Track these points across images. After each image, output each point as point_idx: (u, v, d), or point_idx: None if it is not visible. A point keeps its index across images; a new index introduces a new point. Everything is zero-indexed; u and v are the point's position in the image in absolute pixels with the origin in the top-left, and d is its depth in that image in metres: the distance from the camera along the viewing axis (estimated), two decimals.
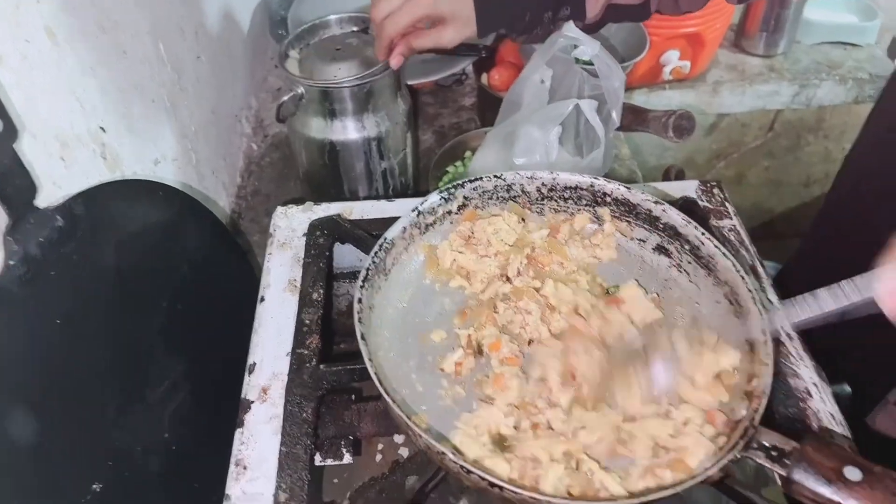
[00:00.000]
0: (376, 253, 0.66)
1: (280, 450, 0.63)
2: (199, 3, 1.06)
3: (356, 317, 0.59)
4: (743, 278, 0.63)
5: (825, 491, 0.47)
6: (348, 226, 0.81)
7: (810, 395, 0.69)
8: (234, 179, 1.20)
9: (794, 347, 0.73)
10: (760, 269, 0.80)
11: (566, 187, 0.74)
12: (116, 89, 0.78)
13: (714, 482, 0.54)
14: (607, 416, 0.59)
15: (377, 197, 1.02)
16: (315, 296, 0.75)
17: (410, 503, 0.58)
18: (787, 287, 0.70)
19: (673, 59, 1.40)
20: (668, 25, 1.34)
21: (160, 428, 0.73)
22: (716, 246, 0.66)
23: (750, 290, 0.62)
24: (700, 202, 0.85)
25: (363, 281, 0.62)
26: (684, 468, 0.53)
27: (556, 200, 0.75)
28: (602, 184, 0.72)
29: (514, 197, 0.75)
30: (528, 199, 0.75)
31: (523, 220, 0.74)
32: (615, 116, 0.92)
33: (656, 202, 0.70)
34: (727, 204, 0.86)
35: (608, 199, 0.74)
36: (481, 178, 0.73)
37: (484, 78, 1.25)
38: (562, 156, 0.98)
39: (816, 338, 0.75)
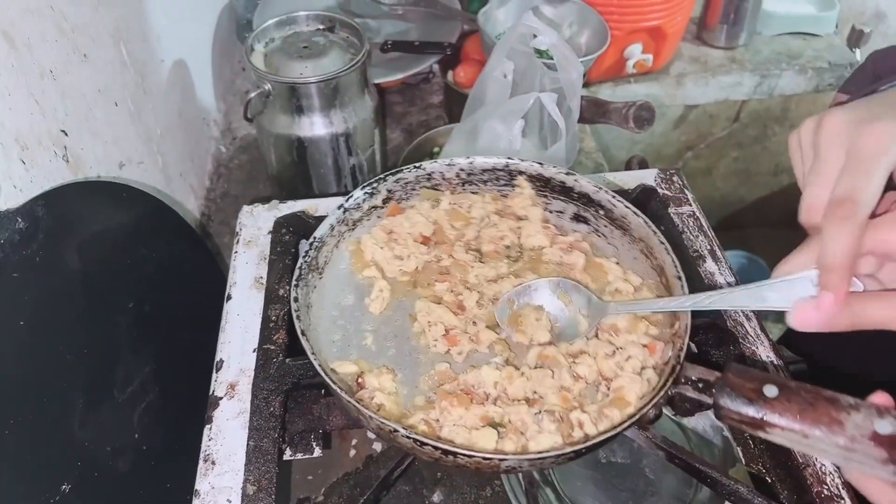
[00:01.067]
0: (307, 252, 0.66)
1: (248, 444, 0.64)
2: (162, 7, 1.06)
3: (294, 315, 0.60)
4: (654, 232, 0.67)
5: (748, 410, 0.49)
6: (313, 222, 0.81)
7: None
8: (203, 182, 1.20)
9: (752, 327, 0.75)
10: (720, 254, 0.82)
11: (483, 170, 0.76)
12: (77, 92, 0.78)
13: (651, 420, 0.58)
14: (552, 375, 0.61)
15: (345, 194, 1.02)
16: (281, 292, 0.76)
17: (376, 491, 0.59)
18: None
19: (636, 53, 1.42)
20: (630, 19, 1.36)
21: (130, 428, 0.73)
22: (626, 206, 0.70)
23: (662, 242, 0.66)
24: (659, 190, 0.87)
25: (297, 280, 0.63)
26: (625, 403, 0.57)
27: (475, 184, 0.77)
28: (516, 162, 0.75)
29: (436, 185, 0.76)
30: (450, 185, 0.76)
31: (438, 200, 0.75)
32: (574, 108, 0.94)
33: (567, 174, 0.73)
34: (686, 191, 0.88)
35: (523, 176, 0.76)
36: (402, 171, 0.74)
37: (450, 75, 1.27)
38: (526, 148, 0.99)
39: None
